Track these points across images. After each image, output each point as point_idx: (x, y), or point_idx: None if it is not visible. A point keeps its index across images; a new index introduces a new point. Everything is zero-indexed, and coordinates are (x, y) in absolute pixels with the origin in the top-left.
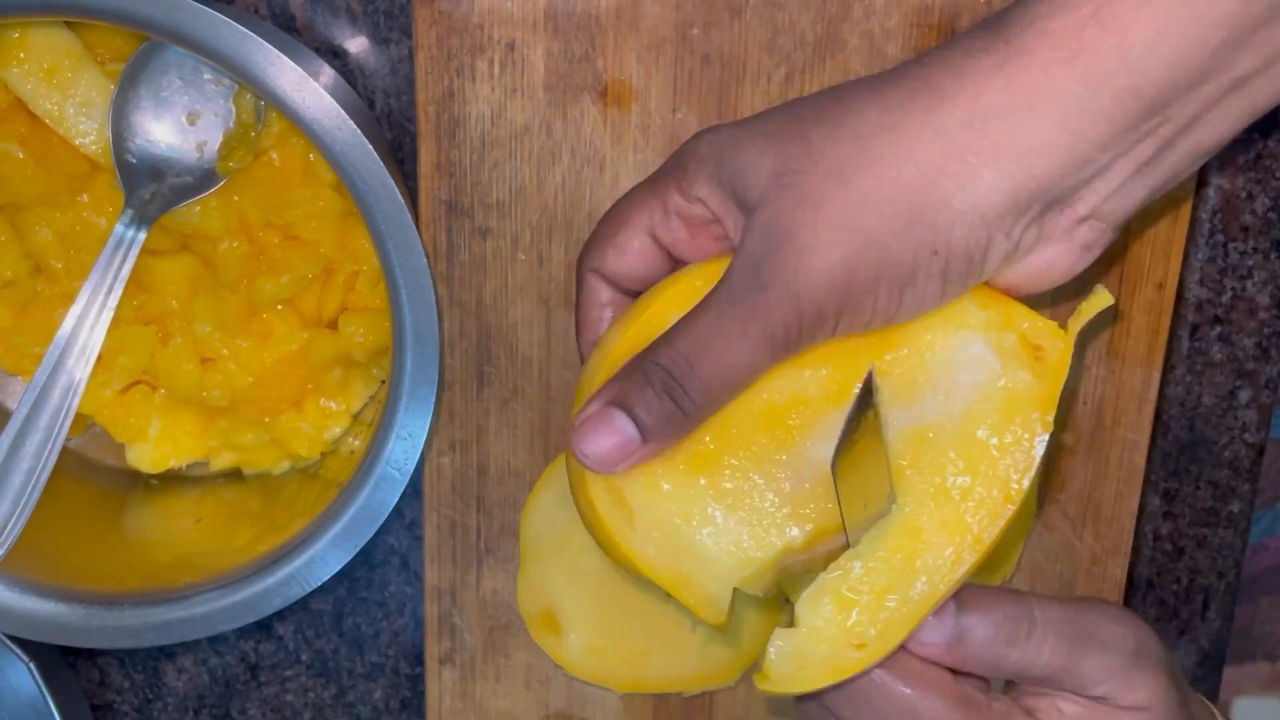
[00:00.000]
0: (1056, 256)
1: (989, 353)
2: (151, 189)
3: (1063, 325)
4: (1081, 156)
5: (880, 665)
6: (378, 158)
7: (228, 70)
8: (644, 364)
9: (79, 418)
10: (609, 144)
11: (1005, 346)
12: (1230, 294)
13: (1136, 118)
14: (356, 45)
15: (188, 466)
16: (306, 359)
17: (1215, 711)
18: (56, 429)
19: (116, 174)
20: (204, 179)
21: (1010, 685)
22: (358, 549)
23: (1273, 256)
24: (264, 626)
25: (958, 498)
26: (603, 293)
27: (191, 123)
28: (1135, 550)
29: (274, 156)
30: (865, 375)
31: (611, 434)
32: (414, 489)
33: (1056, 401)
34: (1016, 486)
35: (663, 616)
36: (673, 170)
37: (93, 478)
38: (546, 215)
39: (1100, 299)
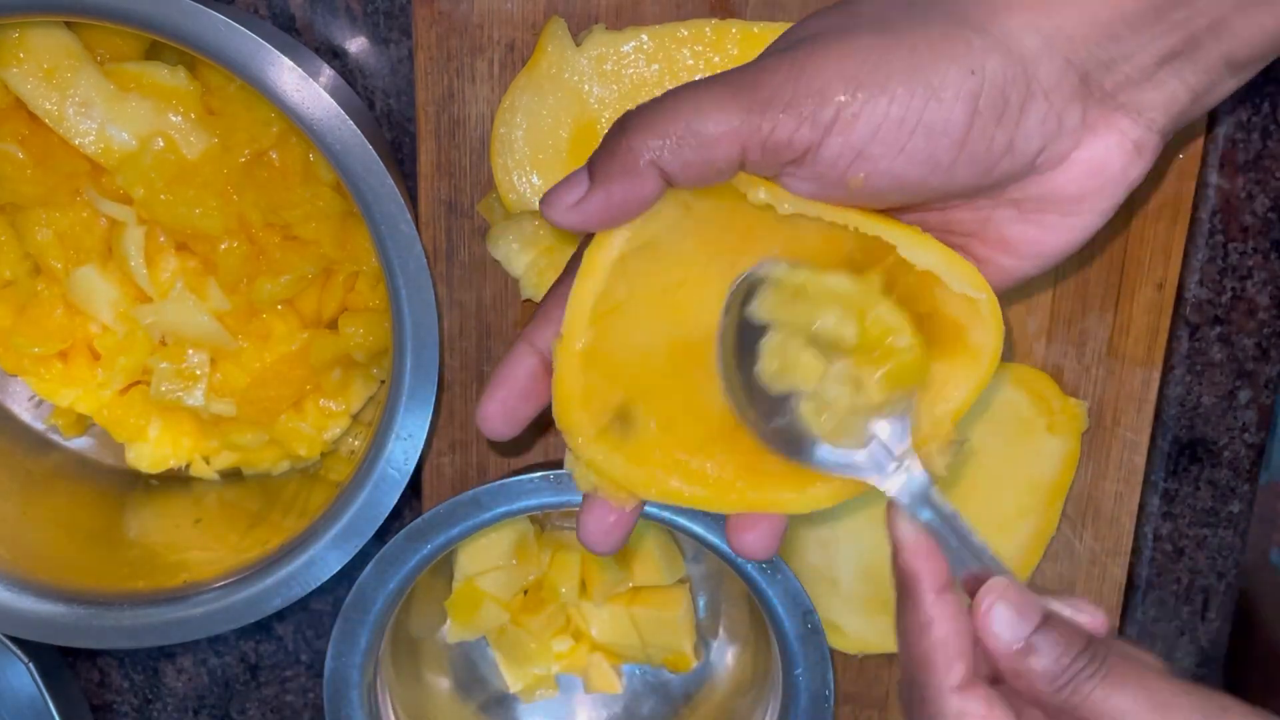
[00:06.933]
0: (1106, 154)
1: None
2: None
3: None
4: (1112, 29)
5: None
6: (378, 158)
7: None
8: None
9: (79, 418)
10: None
11: None
12: (1230, 294)
13: (1162, 2)
14: (356, 45)
15: (187, 466)
16: (306, 359)
17: None
18: None
19: None
20: None
21: None
22: (358, 549)
23: (1272, 257)
24: (264, 627)
25: None
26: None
27: None
28: (1135, 550)
29: (274, 156)
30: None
31: (570, 185)
32: (414, 489)
33: None
34: None
35: None
36: None
37: (93, 478)
38: None
39: None
